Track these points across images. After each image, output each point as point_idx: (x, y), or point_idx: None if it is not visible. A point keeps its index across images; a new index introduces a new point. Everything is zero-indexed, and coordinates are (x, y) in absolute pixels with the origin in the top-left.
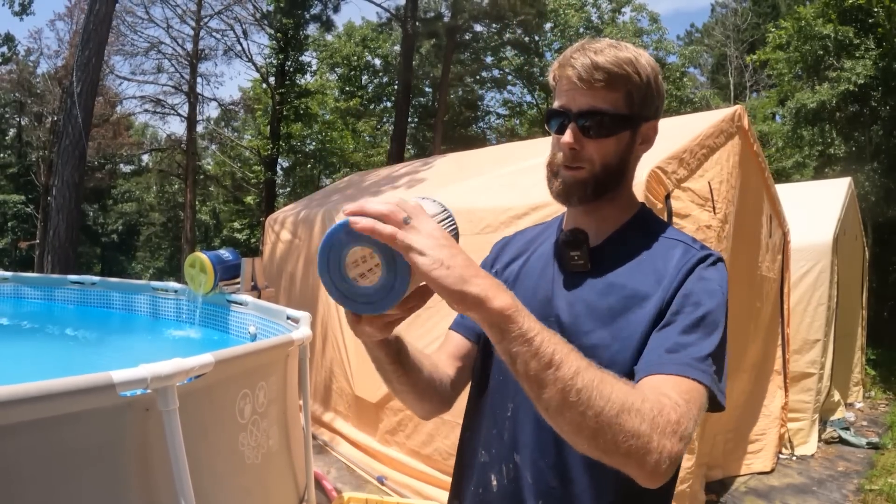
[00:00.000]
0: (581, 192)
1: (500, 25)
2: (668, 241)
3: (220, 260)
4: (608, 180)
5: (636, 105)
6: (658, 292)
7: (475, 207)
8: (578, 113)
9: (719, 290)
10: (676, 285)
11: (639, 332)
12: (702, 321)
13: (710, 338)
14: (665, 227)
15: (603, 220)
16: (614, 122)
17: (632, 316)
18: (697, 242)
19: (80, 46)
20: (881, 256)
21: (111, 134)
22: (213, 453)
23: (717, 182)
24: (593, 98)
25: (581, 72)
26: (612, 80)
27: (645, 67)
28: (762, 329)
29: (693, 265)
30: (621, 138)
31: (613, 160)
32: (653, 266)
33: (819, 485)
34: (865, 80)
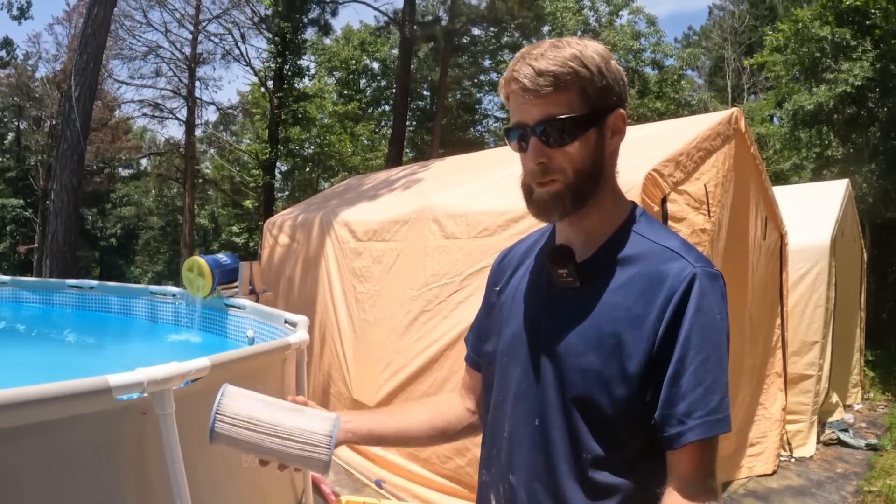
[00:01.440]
0: (560, 207)
1: (497, 29)
2: (661, 251)
3: (219, 264)
4: (585, 187)
5: (593, 99)
6: (653, 313)
7: (473, 211)
8: (535, 125)
9: (719, 319)
10: (671, 315)
11: (634, 358)
12: (708, 363)
13: (719, 379)
14: (657, 231)
15: (591, 229)
16: (575, 125)
17: (626, 339)
18: (692, 251)
19: (79, 50)
20: (879, 258)
21: (110, 138)
22: (210, 457)
23: (713, 185)
24: (546, 106)
25: (526, 82)
26: (559, 81)
27: (592, 58)
28: (760, 332)
29: (687, 288)
30: (587, 139)
31: (586, 164)
32: (646, 282)
33: (818, 486)
34: (863, 82)
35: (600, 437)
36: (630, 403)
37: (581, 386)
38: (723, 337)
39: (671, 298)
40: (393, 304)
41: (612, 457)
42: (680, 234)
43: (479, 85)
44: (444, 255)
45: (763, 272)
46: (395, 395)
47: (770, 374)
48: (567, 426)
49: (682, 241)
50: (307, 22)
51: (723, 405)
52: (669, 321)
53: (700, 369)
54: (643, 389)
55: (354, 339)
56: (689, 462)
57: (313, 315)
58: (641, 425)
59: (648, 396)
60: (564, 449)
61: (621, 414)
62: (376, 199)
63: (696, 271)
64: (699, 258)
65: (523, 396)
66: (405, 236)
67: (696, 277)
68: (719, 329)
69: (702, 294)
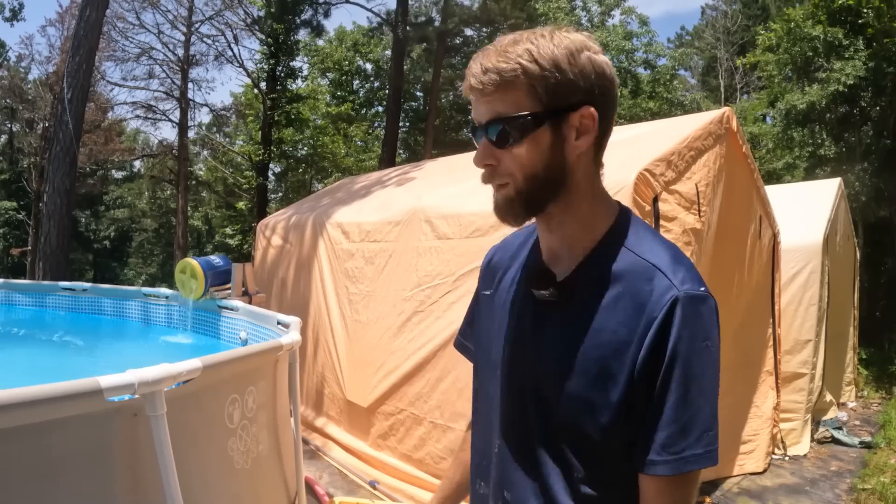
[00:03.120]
0: (513, 213)
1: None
2: (644, 268)
3: (211, 266)
4: (539, 192)
5: (545, 97)
6: (634, 340)
7: (464, 212)
8: (484, 125)
9: (704, 346)
10: (651, 344)
11: (618, 386)
12: (688, 397)
13: (700, 413)
14: (644, 242)
15: (572, 237)
16: (523, 125)
17: (611, 365)
18: (679, 267)
19: (71, 52)
20: (872, 256)
21: (103, 140)
22: (202, 459)
23: (704, 185)
24: (492, 104)
25: (472, 81)
26: (504, 79)
27: (549, 52)
28: (753, 330)
29: (668, 314)
30: (538, 140)
31: (537, 167)
32: (628, 304)
33: (812, 484)
34: (855, 81)
35: (588, 458)
36: (616, 430)
37: (566, 412)
38: (707, 366)
39: (651, 325)
40: (386, 305)
41: (602, 474)
42: (670, 239)
43: None
44: (436, 256)
45: (756, 271)
46: (389, 395)
47: (761, 372)
48: (554, 447)
49: (671, 253)
50: (300, 23)
51: (703, 440)
52: (650, 350)
53: (679, 404)
54: (627, 417)
55: (347, 340)
56: (659, 494)
57: (306, 316)
58: (625, 447)
59: (631, 425)
60: (554, 468)
61: (608, 440)
62: (369, 200)
63: (679, 296)
64: (686, 278)
65: (509, 414)
66: (397, 237)
67: (677, 303)
68: (703, 358)
69: (685, 321)
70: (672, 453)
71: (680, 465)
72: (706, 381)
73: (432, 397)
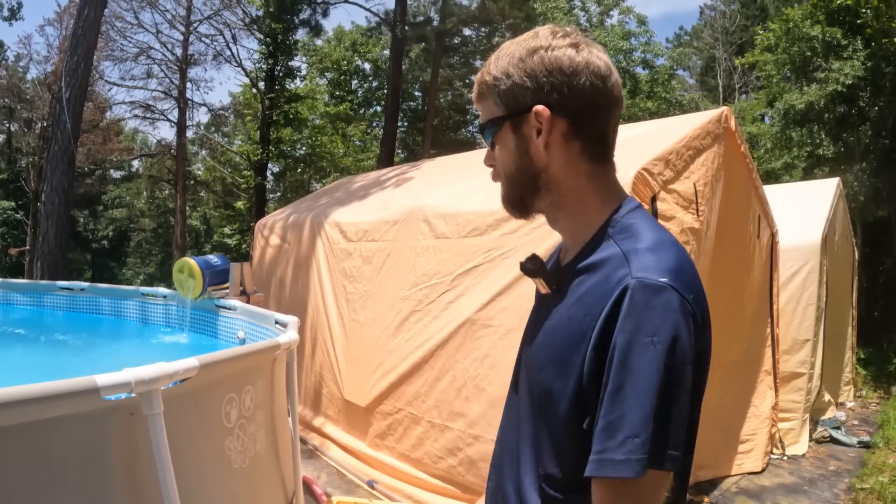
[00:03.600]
0: (507, 207)
1: (488, 29)
2: (617, 257)
3: (209, 265)
4: (518, 189)
5: (503, 103)
6: (591, 330)
7: (462, 211)
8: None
9: (648, 341)
10: (598, 333)
11: (572, 377)
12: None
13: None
14: (628, 232)
15: (571, 232)
16: (491, 130)
17: (570, 356)
18: (646, 256)
19: (69, 52)
20: (871, 256)
21: (101, 140)
22: (200, 458)
23: (703, 184)
24: (481, 112)
25: (473, 92)
26: (480, 90)
27: (501, 62)
28: (752, 329)
29: (616, 302)
30: (505, 142)
31: (511, 167)
32: (596, 293)
33: (810, 484)
34: (854, 81)
35: (555, 455)
36: (572, 425)
37: (539, 401)
38: (650, 364)
39: (601, 313)
40: (383, 305)
41: (563, 478)
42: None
43: (470, 86)
44: (434, 255)
45: (755, 270)
46: (387, 395)
47: (760, 372)
48: (533, 438)
49: (652, 241)
50: (298, 23)
51: (626, 445)
52: (596, 341)
53: (609, 401)
54: (580, 411)
55: (345, 339)
56: (598, 498)
57: (304, 316)
58: (585, 450)
59: (584, 420)
60: (530, 459)
61: (567, 435)
62: (367, 199)
63: (630, 283)
64: (650, 266)
65: (515, 399)
66: (395, 236)
67: (626, 290)
68: (645, 354)
69: (631, 310)
70: (595, 453)
71: (596, 467)
72: (643, 380)
73: (430, 397)
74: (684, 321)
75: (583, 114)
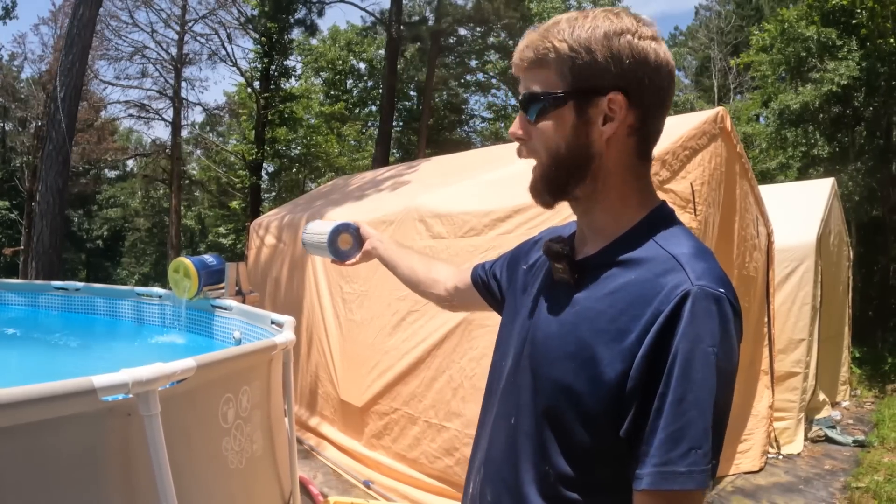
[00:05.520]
0: (537, 191)
1: (484, 29)
2: (664, 258)
3: (205, 265)
4: (562, 172)
5: (572, 77)
6: (635, 331)
7: (459, 211)
8: (521, 99)
9: (710, 352)
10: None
11: (607, 376)
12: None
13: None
14: (672, 234)
15: (600, 226)
16: (549, 102)
17: (601, 353)
18: (699, 262)
19: (64, 51)
20: (865, 256)
21: (95, 139)
22: (196, 458)
23: (699, 184)
24: (527, 80)
25: (515, 57)
26: (538, 56)
27: (580, 33)
28: (749, 329)
29: (675, 309)
30: (562, 119)
31: (560, 146)
32: (638, 292)
33: (806, 483)
34: (849, 81)
35: (568, 454)
36: (601, 426)
37: (550, 396)
38: (710, 374)
39: (657, 318)
40: (380, 305)
41: (581, 478)
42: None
43: (465, 85)
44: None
45: (752, 270)
46: (383, 395)
47: (758, 372)
48: (535, 435)
49: (697, 248)
50: (293, 22)
51: (689, 457)
52: (651, 346)
53: (671, 411)
54: (614, 414)
55: (341, 339)
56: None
57: (300, 316)
58: (616, 452)
59: (620, 423)
60: (531, 457)
61: (591, 434)
62: (362, 199)
63: (692, 290)
64: (704, 273)
65: (508, 391)
66: (391, 236)
67: (688, 297)
68: (707, 364)
69: (693, 318)
70: (654, 465)
71: (659, 481)
72: (706, 391)
73: (427, 397)
74: (736, 333)
75: (653, 110)
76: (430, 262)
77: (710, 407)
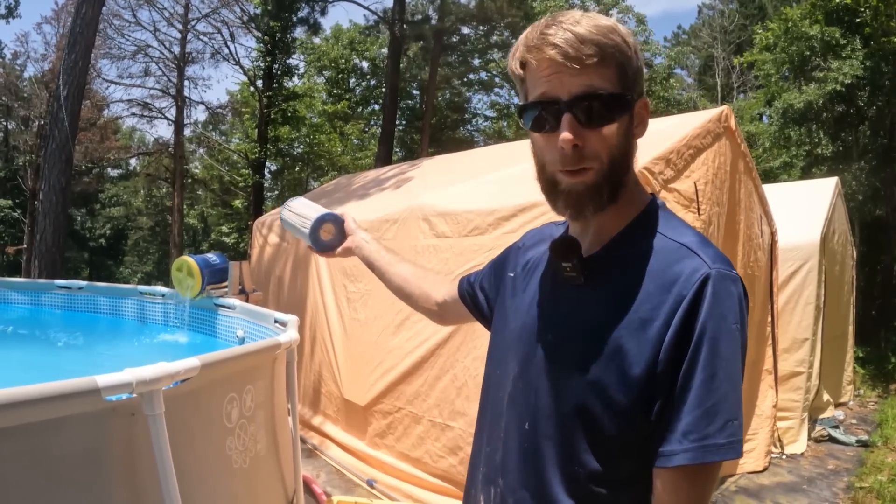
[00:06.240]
0: (596, 201)
1: (486, 28)
2: (675, 248)
3: (208, 264)
4: (619, 178)
5: (630, 81)
6: (660, 318)
7: (463, 209)
8: (573, 99)
9: (735, 328)
10: (680, 322)
11: (635, 366)
12: (714, 381)
13: (726, 399)
14: (674, 225)
15: (603, 223)
16: (616, 105)
17: (627, 345)
18: (709, 248)
19: (67, 50)
20: (868, 255)
21: (98, 138)
22: (200, 458)
23: (703, 183)
24: (588, 77)
25: (567, 48)
26: (603, 53)
27: (630, 36)
28: (753, 328)
29: (699, 291)
30: (623, 123)
31: (621, 151)
32: (655, 282)
33: (809, 483)
34: (852, 80)
35: (596, 450)
36: (631, 416)
37: (576, 395)
38: (737, 350)
39: (681, 302)
40: (384, 304)
41: (608, 473)
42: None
43: (468, 84)
44: (434, 255)
45: (756, 269)
46: (386, 394)
47: (761, 371)
48: (559, 436)
49: (699, 236)
50: (296, 21)
51: (727, 429)
52: (678, 329)
53: (704, 388)
54: (645, 401)
55: (345, 338)
56: (675, 488)
57: (304, 314)
58: (642, 441)
59: (651, 409)
60: (554, 459)
61: (621, 427)
62: (366, 198)
63: (711, 272)
64: (717, 257)
65: (518, 397)
66: (395, 235)
67: (709, 279)
68: (733, 340)
69: (716, 299)
70: (693, 440)
71: (701, 454)
72: (733, 366)
73: (430, 396)
74: (747, 310)
75: (649, 116)
76: (421, 273)
77: (740, 380)
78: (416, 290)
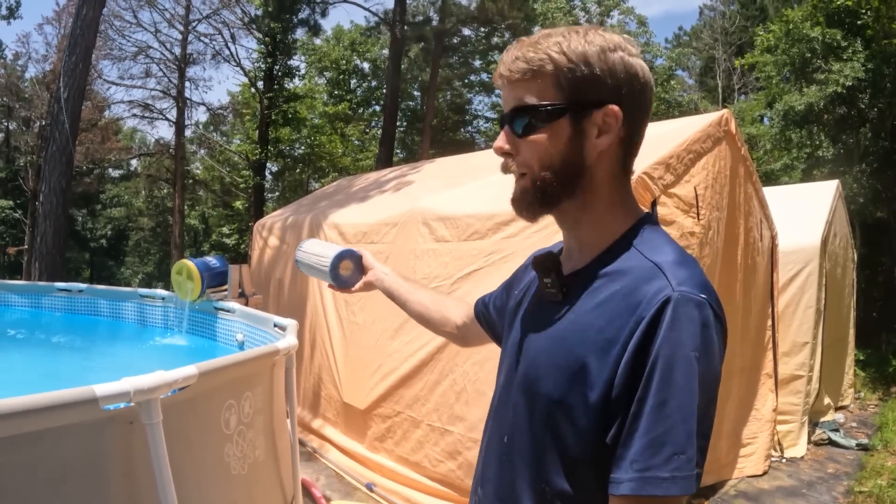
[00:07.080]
0: (526, 202)
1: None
2: (647, 268)
3: (208, 267)
4: (554, 184)
5: (569, 89)
6: (621, 340)
7: (462, 214)
8: (507, 113)
9: (692, 356)
10: (636, 345)
11: (595, 388)
12: (664, 410)
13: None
14: (654, 244)
15: (585, 239)
16: (544, 115)
17: (591, 365)
18: (681, 269)
19: (68, 51)
20: (869, 257)
21: (99, 139)
22: (198, 465)
23: (703, 187)
24: (517, 92)
25: (502, 68)
26: (532, 68)
27: (576, 45)
28: (752, 332)
29: (656, 314)
30: (557, 132)
31: (553, 159)
32: (622, 302)
33: (809, 487)
34: (853, 82)
35: (565, 471)
36: (594, 440)
37: (544, 413)
38: (692, 379)
39: (639, 325)
40: (383, 307)
41: (577, 495)
42: (684, 250)
43: (469, 86)
44: (434, 259)
45: (756, 273)
46: (386, 398)
47: (761, 374)
48: (531, 453)
49: (679, 256)
50: (297, 22)
51: (671, 462)
52: (633, 352)
53: (652, 415)
54: (604, 425)
55: (344, 342)
56: None
57: (303, 318)
58: (607, 466)
59: (609, 433)
60: (525, 476)
61: (585, 450)
62: (366, 200)
63: (673, 295)
64: (686, 280)
65: (500, 410)
66: (395, 239)
67: (668, 302)
68: (690, 368)
69: (674, 324)
70: (637, 470)
71: (641, 486)
72: (686, 395)
73: (430, 400)
74: (718, 338)
75: (639, 125)
76: (439, 299)
77: (693, 412)
78: (437, 314)
